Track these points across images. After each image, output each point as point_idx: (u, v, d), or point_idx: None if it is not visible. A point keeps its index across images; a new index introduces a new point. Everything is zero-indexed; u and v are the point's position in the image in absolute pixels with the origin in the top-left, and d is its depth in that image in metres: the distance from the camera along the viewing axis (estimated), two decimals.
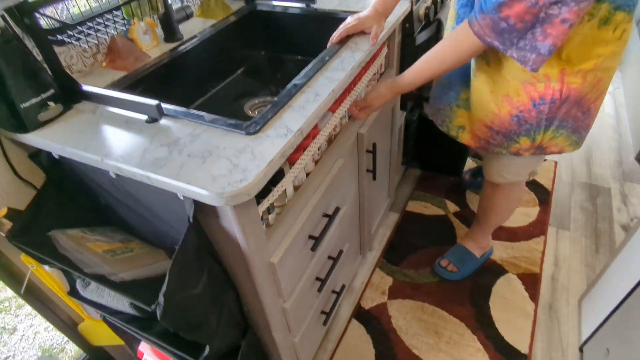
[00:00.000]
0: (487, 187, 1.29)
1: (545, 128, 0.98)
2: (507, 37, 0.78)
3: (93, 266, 0.77)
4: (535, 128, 0.98)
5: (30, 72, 0.73)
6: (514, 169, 1.15)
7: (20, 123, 0.74)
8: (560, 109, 0.94)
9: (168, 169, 0.65)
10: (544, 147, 1.02)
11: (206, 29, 1.13)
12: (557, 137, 1.00)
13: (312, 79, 0.86)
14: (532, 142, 1.01)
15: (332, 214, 0.98)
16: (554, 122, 0.96)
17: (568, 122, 0.97)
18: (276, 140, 0.70)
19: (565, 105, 0.93)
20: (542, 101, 0.92)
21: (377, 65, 1.15)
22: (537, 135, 1.00)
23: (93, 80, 0.92)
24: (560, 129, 0.98)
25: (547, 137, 1.00)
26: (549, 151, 1.04)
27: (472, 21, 0.81)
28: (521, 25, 0.75)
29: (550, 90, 0.90)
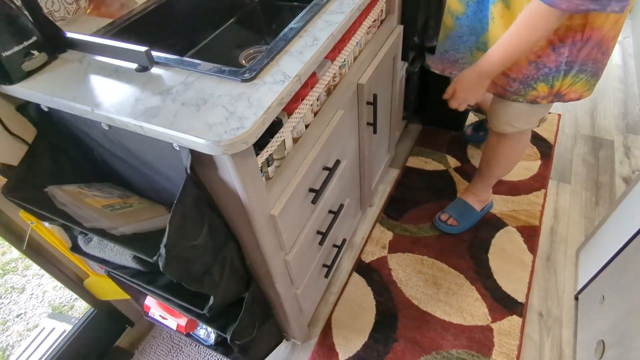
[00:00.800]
0: (493, 137, 1.26)
1: (565, 73, 0.94)
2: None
3: (92, 221, 0.76)
4: (554, 73, 0.95)
5: (9, 17, 0.68)
6: (524, 117, 1.11)
7: (3, 73, 0.70)
8: (582, 51, 0.90)
9: (162, 118, 0.63)
10: (562, 94, 0.99)
11: None
12: (576, 82, 0.97)
13: (310, 23, 0.81)
14: (550, 88, 0.98)
15: (332, 167, 0.97)
16: (575, 66, 0.93)
17: (588, 65, 0.93)
18: (273, 87, 0.67)
19: (586, 47, 0.90)
20: (562, 44, 0.89)
21: (377, 11, 1.09)
22: (555, 81, 0.96)
23: (77, 28, 0.87)
24: (580, 74, 0.95)
25: (567, 83, 0.97)
26: (568, 98, 1.00)
27: (558, 2, 0.75)
28: None
29: (571, 32, 0.87)
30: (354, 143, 1.15)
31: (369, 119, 1.15)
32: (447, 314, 1.29)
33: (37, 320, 1.65)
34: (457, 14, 1.10)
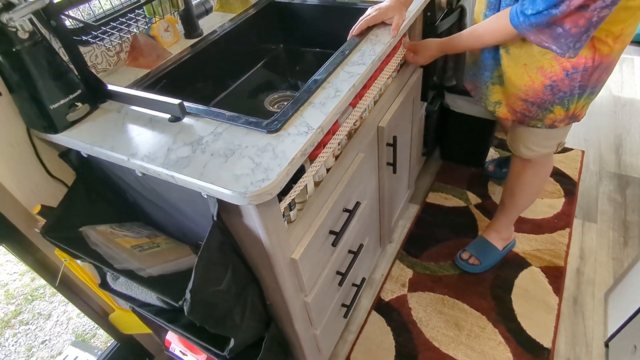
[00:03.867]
0: (517, 163, 1.28)
1: (578, 96, 0.99)
2: (564, 42, 0.82)
3: (122, 261, 0.79)
4: (568, 96, 0.99)
5: (58, 73, 0.75)
6: (542, 141, 1.15)
7: (50, 124, 0.76)
8: (593, 75, 0.95)
9: (192, 169, 0.67)
10: (576, 115, 1.05)
11: (225, 23, 1.13)
12: (587, 101, 1.03)
13: (332, 74, 0.85)
14: (566, 111, 1.03)
15: (352, 208, 0.98)
16: (587, 89, 0.98)
17: (597, 87, 1.00)
18: (297, 138, 0.70)
19: (597, 71, 0.95)
20: (574, 70, 0.94)
21: (399, 57, 1.14)
22: (570, 104, 1.01)
23: (117, 78, 0.94)
24: (591, 95, 1.01)
25: (580, 105, 1.02)
26: (580, 117, 1.07)
27: (521, 28, 0.86)
28: (576, 30, 0.80)
29: (582, 59, 0.92)
30: (373, 183, 1.17)
31: (389, 160, 1.17)
32: (469, 357, 1.26)
33: (61, 347, 1.69)
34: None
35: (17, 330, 1.78)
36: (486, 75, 1.12)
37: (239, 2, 1.16)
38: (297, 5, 1.20)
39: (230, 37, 1.11)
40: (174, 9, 0.91)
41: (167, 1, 0.87)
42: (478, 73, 1.15)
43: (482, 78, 1.13)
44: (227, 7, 1.16)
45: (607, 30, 0.87)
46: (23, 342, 1.73)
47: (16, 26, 0.65)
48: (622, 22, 0.87)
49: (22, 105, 0.77)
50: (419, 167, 1.77)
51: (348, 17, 1.14)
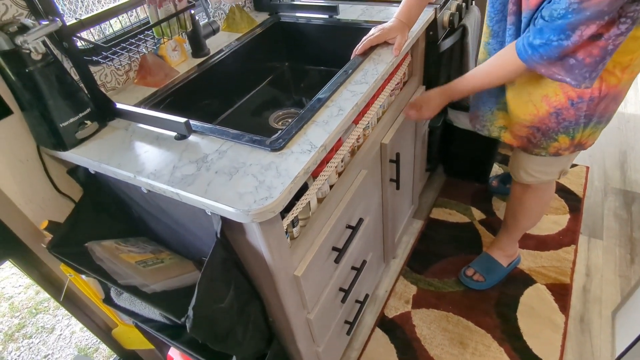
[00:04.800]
0: (517, 188, 1.26)
1: (584, 125, 0.97)
2: (579, 73, 0.79)
3: (126, 277, 0.80)
4: (574, 125, 0.97)
5: (69, 92, 0.77)
6: (544, 167, 1.12)
7: (59, 141, 0.78)
8: (599, 105, 0.93)
9: (196, 186, 0.68)
10: (582, 143, 1.02)
11: (232, 42, 1.15)
12: (595, 130, 1.00)
13: (336, 93, 0.87)
14: (571, 140, 1.00)
15: (355, 225, 0.99)
16: (593, 118, 0.95)
17: (605, 116, 0.97)
18: (300, 157, 0.71)
19: (603, 102, 0.92)
20: (580, 100, 0.91)
21: (400, 75, 1.15)
22: (576, 133, 0.98)
23: (125, 97, 0.96)
24: (599, 125, 0.98)
25: (586, 134, 0.99)
26: (587, 146, 1.03)
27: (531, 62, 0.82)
28: (590, 60, 0.76)
29: (587, 90, 0.89)
30: (377, 199, 1.17)
31: (392, 176, 1.18)
32: None
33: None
34: None
35: (21, 344, 1.78)
36: (491, 101, 1.10)
37: (245, 22, 1.19)
38: (302, 25, 1.23)
39: (237, 56, 1.14)
40: (182, 30, 0.94)
41: (176, 23, 0.90)
42: (480, 103, 1.14)
43: (487, 105, 1.12)
44: (234, 27, 1.19)
45: (614, 61, 0.84)
46: (26, 357, 1.73)
47: (30, 48, 0.67)
48: (631, 52, 0.84)
49: (32, 123, 0.79)
50: (423, 182, 1.77)
51: (351, 36, 1.17)
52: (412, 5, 1.03)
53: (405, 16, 1.03)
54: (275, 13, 1.26)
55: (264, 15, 1.29)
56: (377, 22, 1.13)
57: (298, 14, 1.24)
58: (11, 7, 0.75)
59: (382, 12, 1.20)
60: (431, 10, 1.17)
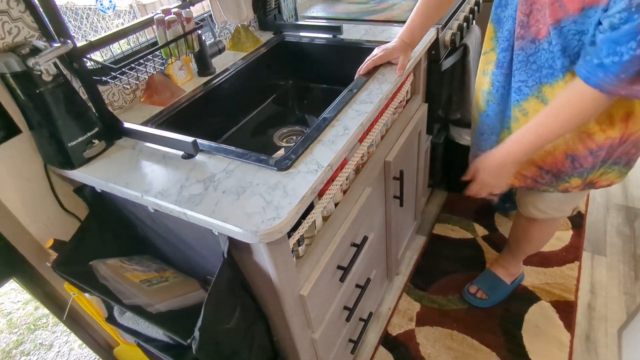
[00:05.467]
0: (523, 220, 1.23)
1: (598, 167, 0.93)
2: None
3: (131, 296, 0.80)
4: (589, 170, 0.92)
5: (78, 112, 0.78)
6: (556, 205, 1.06)
7: (67, 160, 0.79)
8: (617, 151, 0.89)
9: (204, 206, 0.68)
10: (594, 182, 0.97)
11: (237, 61, 1.17)
12: (608, 172, 0.95)
13: (341, 112, 0.88)
14: (583, 180, 0.95)
15: (360, 243, 0.99)
16: (608, 161, 0.92)
17: (622, 159, 0.92)
18: (307, 176, 0.71)
19: (621, 148, 0.88)
20: (600, 149, 0.87)
21: (403, 93, 1.17)
22: (589, 175, 0.94)
23: (132, 115, 0.97)
24: (614, 166, 0.94)
25: (599, 173, 0.95)
26: (599, 185, 0.98)
27: (606, 85, 0.69)
28: None
29: (609, 140, 0.85)
30: (380, 216, 1.18)
31: (396, 193, 1.18)
32: None
33: None
34: (480, 110, 1.07)
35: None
36: (492, 139, 1.04)
37: (250, 42, 1.21)
38: (306, 44, 1.25)
39: (242, 74, 1.15)
40: (189, 50, 0.95)
41: (184, 43, 0.91)
42: (482, 140, 1.08)
43: (489, 143, 1.05)
44: (239, 46, 1.21)
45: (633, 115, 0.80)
46: None
47: (41, 70, 0.68)
48: None
49: (41, 142, 0.79)
50: (425, 198, 1.77)
51: (354, 55, 1.19)
52: (416, 26, 1.02)
53: (409, 37, 1.03)
54: (279, 32, 1.29)
55: (269, 34, 1.31)
56: (380, 42, 1.15)
57: (302, 33, 1.26)
58: (23, 29, 0.76)
59: (384, 32, 1.22)
60: (433, 30, 1.19)
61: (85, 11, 3.70)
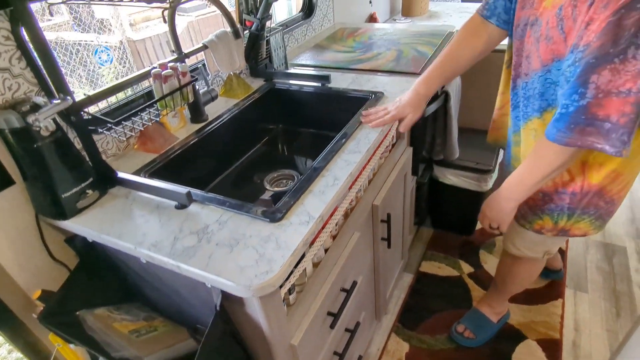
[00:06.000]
0: (507, 257, 1.28)
1: (568, 215, 0.98)
2: (616, 138, 0.70)
3: (119, 349, 0.79)
4: (558, 211, 0.98)
5: (73, 164, 0.79)
6: (528, 244, 1.14)
7: (60, 211, 0.79)
8: (582, 201, 0.94)
9: (198, 259, 0.69)
10: (566, 230, 1.02)
11: (229, 107, 1.21)
12: (579, 222, 0.99)
13: (331, 162, 0.91)
14: (554, 224, 1.00)
15: (349, 288, 1.00)
16: (576, 211, 0.97)
17: (590, 209, 0.96)
18: (299, 228, 0.74)
19: (586, 198, 0.93)
20: (564, 190, 0.94)
21: (389, 138, 1.22)
22: (559, 219, 0.99)
23: (126, 163, 0.99)
24: (583, 216, 0.98)
25: (570, 222, 1.00)
26: (572, 234, 1.03)
27: (565, 139, 0.74)
28: (625, 120, 0.68)
29: (571, 184, 0.91)
30: (369, 258, 1.19)
31: (384, 235, 1.21)
32: None
33: None
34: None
35: None
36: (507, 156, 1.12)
37: (241, 89, 1.26)
38: (295, 91, 1.30)
39: (233, 121, 1.19)
40: (184, 102, 0.99)
41: (179, 96, 0.95)
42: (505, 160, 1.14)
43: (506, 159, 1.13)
44: (231, 93, 1.25)
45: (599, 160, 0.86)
46: None
47: (40, 126, 0.70)
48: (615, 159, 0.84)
49: (34, 193, 0.80)
50: (412, 235, 1.80)
51: (342, 103, 1.25)
52: (433, 76, 1.06)
53: (425, 87, 1.07)
54: (270, 80, 1.34)
55: (260, 81, 1.36)
56: (366, 91, 1.21)
57: (292, 81, 1.32)
58: (23, 84, 0.79)
59: (370, 82, 1.29)
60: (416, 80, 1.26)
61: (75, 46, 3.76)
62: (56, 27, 3.75)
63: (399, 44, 1.54)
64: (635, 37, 0.63)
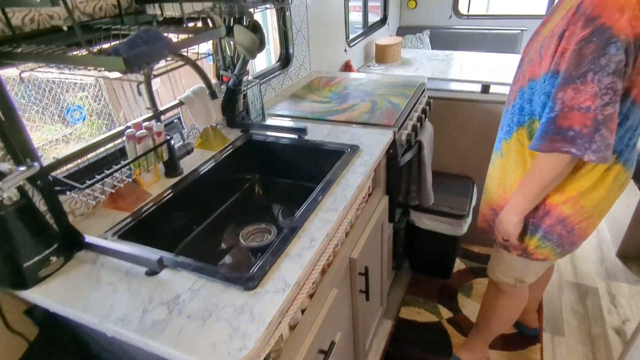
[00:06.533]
0: (491, 289, 1.33)
1: (531, 233, 1.07)
2: (580, 143, 0.83)
3: None
4: (523, 231, 1.07)
5: (37, 230, 0.76)
6: (503, 268, 1.22)
7: (20, 281, 0.75)
8: (544, 220, 1.03)
9: (167, 335, 0.66)
10: (530, 252, 1.10)
11: (205, 160, 1.20)
12: (542, 246, 1.07)
13: (308, 221, 0.91)
14: (519, 242, 1.09)
15: (327, 349, 0.97)
16: (539, 230, 1.05)
17: (553, 235, 1.04)
18: (274, 297, 0.72)
19: (547, 218, 1.02)
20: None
21: (365, 189, 1.23)
22: (524, 236, 1.08)
23: (95, 223, 0.95)
24: (546, 241, 1.06)
25: (533, 243, 1.08)
26: (534, 257, 1.11)
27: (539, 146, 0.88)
28: (587, 130, 0.81)
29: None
30: (347, 313, 1.17)
31: (362, 288, 1.20)
32: None
33: None
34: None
35: None
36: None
37: (218, 140, 1.26)
38: (272, 143, 1.31)
39: (209, 174, 1.18)
40: (158, 160, 0.97)
41: (153, 155, 0.94)
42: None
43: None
44: (207, 145, 1.25)
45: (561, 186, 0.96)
46: None
47: (3, 196, 0.67)
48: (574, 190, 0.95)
49: None
50: (390, 280, 1.79)
51: (318, 155, 1.26)
52: None
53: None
54: (247, 131, 1.35)
55: (237, 131, 1.37)
56: (343, 144, 1.23)
57: (269, 132, 1.33)
58: None
59: (346, 134, 1.31)
60: (390, 132, 1.29)
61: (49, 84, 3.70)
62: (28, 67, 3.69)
63: (373, 95, 1.59)
64: (593, 64, 0.78)
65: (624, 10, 0.75)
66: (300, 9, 1.75)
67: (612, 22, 0.75)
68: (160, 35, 0.73)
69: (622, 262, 1.98)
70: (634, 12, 0.75)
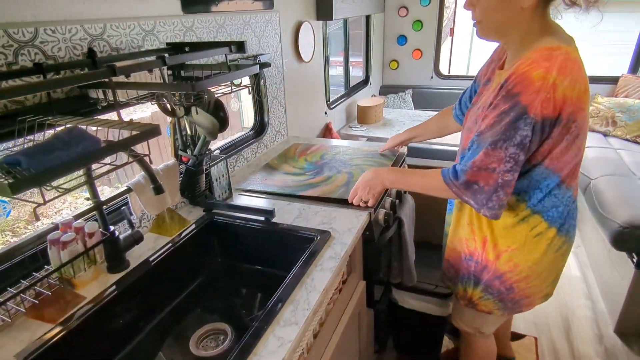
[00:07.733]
0: (462, 338, 1.38)
1: (474, 284, 1.12)
2: (480, 198, 0.92)
3: None
4: (466, 278, 1.13)
5: None
6: (463, 318, 1.28)
7: None
8: (483, 273, 1.08)
9: None
10: (475, 302, 1.15)
11: (159, 247, 1.07)
12: (485, 299, 1.12)
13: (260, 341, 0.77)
14: (464, 291, 1.16)
15: None
16: (481, 283, 1.10)
17: (493, 290, 1.09)
18: None
19: (485, 272, 1.08)
20: (470, 258, 1.10)
21: (338, 278, 1.11)
22: (468, 287, 1.14)
23: (12, 338, 0.79)
24: (487, 294, 1.11)
25: (476, 294, 1.13)
26: (480, 309, 1.15)
27: (449, 183, 0.97)
28: (488, 188, 0.91)
29: (475, 252, 1.08)
30: None
31: None
32: None
33: None
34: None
35: None
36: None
37: (175, 224, 1.14)
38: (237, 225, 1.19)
39: (162, 264, 1.04)
40: (90, 264, 0.84)
41: (82, 260, 0.80)
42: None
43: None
44: (163, 230, 1.12)
45: (495, 240, 1.03)
46: None
47: None
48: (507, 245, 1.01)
49: None
50: None
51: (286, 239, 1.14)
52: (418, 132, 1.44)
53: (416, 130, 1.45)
54: (210, 211, 1.23)
55: (199, 210, 1.25)
56: (313, 229, 1.11)
57: (235, 213, 1.21)
58: None
59: (318, 214, 1.20)
60: (365, 214, 1.19)
61: None
62: None
63: (350, 166, 1.51)
64: (504, 134, 0.86)
65: (540, 91, 0.81)
66: (277, 77, 1.70)
67: (527, 102, 0.83)
68: (87, 135, 0.63)
69: (621, 340, 1.84)
70: (547, 95, 0.81)
